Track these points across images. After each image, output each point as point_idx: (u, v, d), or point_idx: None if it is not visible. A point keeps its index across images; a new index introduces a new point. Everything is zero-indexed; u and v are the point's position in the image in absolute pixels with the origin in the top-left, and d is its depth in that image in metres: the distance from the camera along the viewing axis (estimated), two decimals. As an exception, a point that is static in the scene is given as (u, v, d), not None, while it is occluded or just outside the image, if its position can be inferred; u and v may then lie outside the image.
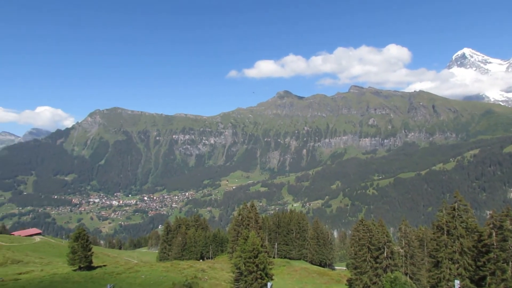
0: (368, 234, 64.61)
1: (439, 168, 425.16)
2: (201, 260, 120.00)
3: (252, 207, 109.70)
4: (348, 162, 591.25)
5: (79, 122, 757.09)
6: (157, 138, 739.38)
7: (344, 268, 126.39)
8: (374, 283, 61.11)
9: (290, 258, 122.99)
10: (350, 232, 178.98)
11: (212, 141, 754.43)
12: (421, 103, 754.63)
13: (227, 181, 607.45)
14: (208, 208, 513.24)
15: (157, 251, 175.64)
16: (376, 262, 62.26)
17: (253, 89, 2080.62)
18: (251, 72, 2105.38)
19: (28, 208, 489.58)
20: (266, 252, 75.47)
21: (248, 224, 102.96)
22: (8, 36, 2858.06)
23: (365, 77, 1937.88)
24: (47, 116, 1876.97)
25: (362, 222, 71.44)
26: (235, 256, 65.73)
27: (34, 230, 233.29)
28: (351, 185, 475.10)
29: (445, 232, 54.25)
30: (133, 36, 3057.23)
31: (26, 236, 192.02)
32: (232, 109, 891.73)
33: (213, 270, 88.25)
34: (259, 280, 56.80)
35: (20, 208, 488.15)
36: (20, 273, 78.05)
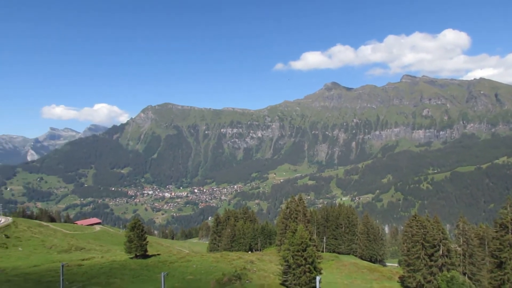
0: (422, 230, 62.02)
1: (503, 161, 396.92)
2: (249, 252, 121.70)
3: (300, 200, 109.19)
4: (400, 155, 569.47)
5: (133, 118, 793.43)
6: (206, 132, 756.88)
7: (396, 264, 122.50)
8: (429, 281, 58.67)
9: (339, 253, 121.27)
10: (402, 227, 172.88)
11: (259, 135, 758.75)
12: (481, 92, 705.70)
13: (275, 174, 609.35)
14: (256, 201, 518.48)
15: (207, 242, 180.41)
16: (431, 260, 59.68)
17: (300, 82, 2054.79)
18: (297, 64, 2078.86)
19: (89, 199, 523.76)
20: (314, 246, 74.90)
21: (296, 217, 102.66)
22: (70, 38, 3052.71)
23: (419, 66, 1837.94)
24: (104, 112, 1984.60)
25: (416, 218, 68.53)
26: (284, 249, 65.89)
27: (95, 220, 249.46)
28: (403, 179, 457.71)
29: (510, 231, 50.72)
30: (182, 35, 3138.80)
31: (87, 225, 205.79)
32: (279, 102, 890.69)
33: (261, 262, 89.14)
34: (308, 274, 56.59)
35: (82, 199, 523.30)
36: (83, 259, 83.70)
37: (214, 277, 65.96)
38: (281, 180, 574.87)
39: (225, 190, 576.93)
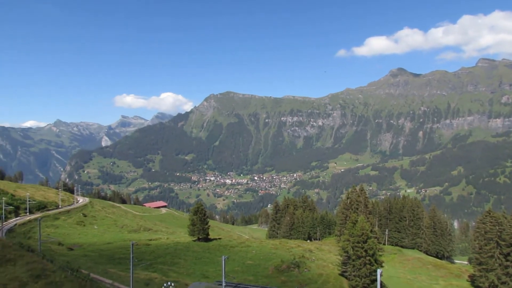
0: (497, 227, 57.45)
1: None
2: (308, 241, 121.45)
3: (362, 190, 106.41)
4: (473, 145, 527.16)
5: (197, 106, 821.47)
6: (266, 120, 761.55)
7: (466, 262, 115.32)
8: (503, 283, 54.43)
9: (402, 246, 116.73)
10: (474, 223, 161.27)
11: (320, 123, 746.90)
12: None
13: (335, 163, 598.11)
14: (316, 190, 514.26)
15: (266, 228, 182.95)
16: (507, 260, 55.20)
17: (363, 69, 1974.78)
18: (361, 50, 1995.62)
19: (156, 183, 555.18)
20: (375, 238, 72.74)
21: (357, 208, 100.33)
22: (139, 31, 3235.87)
23: (498, 48, 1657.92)
24: (170, 101, 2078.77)
25: (490, 214, 63.53)
26: (343, 239, 64.84)
27: (161, 203, 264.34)
28: (476, 171, 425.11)
29: None
30: (244, 23, 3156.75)
31: (154, 207, 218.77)
32: (340, 89, 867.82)
33: (320, 252, 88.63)
34: (368, 266, 55.24)
35: (150, 183, 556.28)
36: (150, 239, 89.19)
37: (273, 263, 66.82)
38: (342, 170, 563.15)
39: (285, 178, 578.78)
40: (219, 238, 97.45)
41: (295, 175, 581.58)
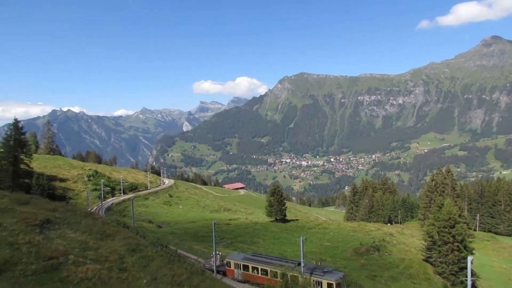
0: None
1: None
2: (388, 224, 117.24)
3: (448, 172, 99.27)
4: None
5: (271, 89, 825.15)
6: (342, 100, 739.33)
7: None
8: None
9: (496, 233, 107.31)
10: None
11: (400, 101, 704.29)
12: None
13: (418, 143, 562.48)
14: (396, 172, 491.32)
15: (344, 211, 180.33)
16: None
17: (449, 40, 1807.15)
18: (446, 20, 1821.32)
19: (234, 165, 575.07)
20: (465, 223, 67.81)
21: (443, 191, 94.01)
22: (213, 21, 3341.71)
23: None
24: (245, 85, 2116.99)
25: None
26: (427, 223, 61.51)
27: (239, 185, 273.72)
28: None
29: None
30: (313, 2, 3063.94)
31: (233, 189, 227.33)
32: (423, 64, 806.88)
33: (401, 235, 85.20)
34: (456, 253, 51.89)
35: (228, 166, 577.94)
36: (230, 219, 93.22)
37: (352, 246, 65.93)
38: (425, 150, 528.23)
39: (362, 159, 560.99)
40: (296, 219, 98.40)
41: (373, 156, 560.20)
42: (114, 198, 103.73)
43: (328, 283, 33.30)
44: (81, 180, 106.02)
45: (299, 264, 36.32)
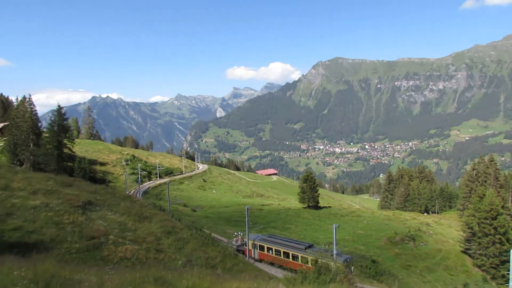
0: None
1: None
2: (425, 214, 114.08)
3: (491, 161, 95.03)
4: None
5: (304, 74, 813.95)
6: (378, 85, 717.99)
7: None
8: None
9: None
10: None
11: (440, 86, 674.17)
12: None
13: (458, 131, 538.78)
14: (435, 160, 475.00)
15: (378, 199, 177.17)
16: None
17: (496, 21, 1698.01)
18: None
19: (266, 151, 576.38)
20: (508, 215, 64.85)
21: (485, 181, 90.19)
22: (246, 6, 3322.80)
23: None
24: (278, 71, 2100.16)
25: None
26: (467, 214, 59.39)
27: (272, 171, 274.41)
28: None
29: None
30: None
31: (266, 175, 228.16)
32: (467, 47, 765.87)
33: (439, 226, 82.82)
34: (497, 245, 49.91)
35: (261, 152, 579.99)
36: (263, 205, 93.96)
37: (386, 234, 64.90)
38: (466, 138, 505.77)
39: (398, 147, 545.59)
40: (329, 206, 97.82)
41: (410, 143, 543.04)
42: (151, 182, 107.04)
43: (339, 266, 34.09)
44: (119, 164, 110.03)
45: (310, 246, 39.58)
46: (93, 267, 16.83)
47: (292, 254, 39.49)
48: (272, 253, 41.77)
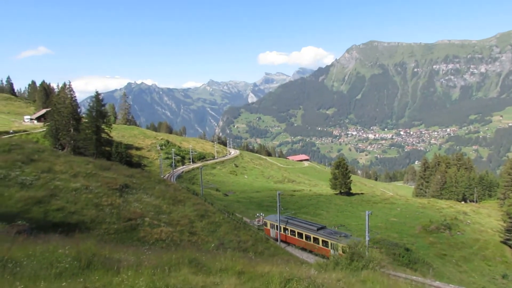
0: None
1: None
2: (462, 202, 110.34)
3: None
4: None
5: (337, 59, 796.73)
6: (415, 69, 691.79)
7: None
8: None
9: None
10: None
11: (482, 69, 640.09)
12: None
13: (501, 116, 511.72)
14: (474, 147, 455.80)
15: (413, 186, 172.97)
16: None
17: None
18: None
19: (298, 137, 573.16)
20: (553, 204, 61.46)
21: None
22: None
23: None
24: (310, 55, 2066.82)
25: None
26: (508, 203, 56.96)
27: (303, 156, 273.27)
28: None
29: None
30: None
31: (297, 160, 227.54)
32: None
33: (477, 215, 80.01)
34: (541, 236, 47.64)
35: (292, 137, 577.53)
36: (294, 190, 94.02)
37: (420, 222, 63.50)
38: (510, 124, 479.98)
39: (435, 133, 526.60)
40: (362, 193, 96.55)
41: (448, 130, 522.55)
42: (184, 166, 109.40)
43: (342, 247, 35.13)
44: (154, 149, 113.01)
45: (322, 228, 41.78)
46: (131, 247, 17.55)
47: (305, 234, 41.58)
48: (288, 233, 43.88)
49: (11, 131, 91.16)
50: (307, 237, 41.49)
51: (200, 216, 36.67)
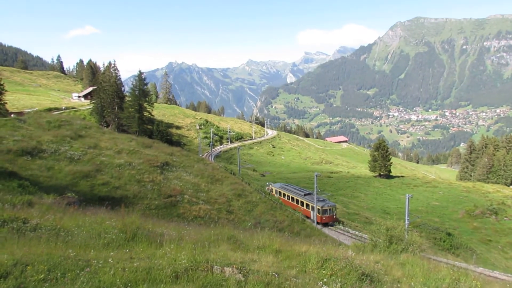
0: None
1: None
2: (511, 187, 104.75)
3: None
4: None
5: (380, 36, 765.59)
6: (464, 47, 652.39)
7: None
8: None
9: None
10: None
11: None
12: None
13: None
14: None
15: (457, 169, 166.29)
16: None
17: None
18: None
19: (337, 118, 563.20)
20: None
21: None
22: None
23: None
24: (352, 33, 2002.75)
25: None
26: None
27: (342, 138, 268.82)
28: None
29: None
30: None
31: (335, 142, 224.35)
32: None
33: (527, 201, 75.68)
34: None
35: (331, 118, 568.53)
36: (331, 172, 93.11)
37: (464, 207, 61.23)
38: None
39: (484, 114, 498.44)
40: (402, 176, 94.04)
41: (498, 110, 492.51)
42: (222, 146, 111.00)
43: (317, 208, 44.02)
44: (193, 128, 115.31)
45: (308, 194, 49.01)
46: (171, 222, 18.23)
47: (296, 198, 49.71)
48: (285, 198, 51.65)
49: (64, 107, 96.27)
50: (296, 201, 49.56)
51: (237, 195, 37.30)
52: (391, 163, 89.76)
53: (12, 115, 55.37)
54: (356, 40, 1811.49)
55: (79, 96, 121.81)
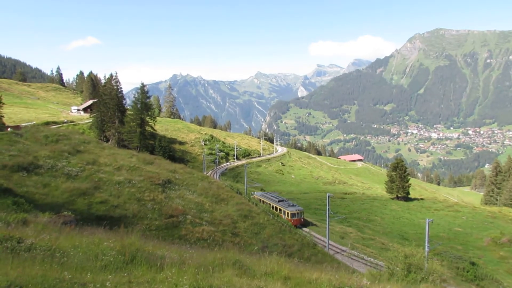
0: None
1: None
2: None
3: None
4: None
5: (398, 49, 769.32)
6: (488, 60, 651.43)
7: None
8: None
9: None
10: None
11: None
12: None
13: None
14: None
15: (481, 193, 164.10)
16: None
17: None
18: None
19: (351, 135, 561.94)
20: None
21: None
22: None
23: None
24: (367, 45, 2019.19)
25: None
26: None
27: (357, 156, 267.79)
28: None
29: None
30: None
31: (350, 160, 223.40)
32: None
33: (559, 228, 74.19)
34: None
35: (345, 135, 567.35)
36: (345, 193, 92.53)
37: (489, 234, 60.19)
38: None
39: (510, 133, 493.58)
40: (421, 199, 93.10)
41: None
42: (228, 163, 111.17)
43: (287, 212, 52.60)
44: (198, 144, 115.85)
45: (282, 200, 57.74)
46: (173, 244, 18.22)
47: (272, 204, 57.18)
48: (264, 204, 58.21)
49: (65, 120, 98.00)
50: (272, 206, 56.65)
51: (244, 217, 37.18)
52: (410, 184, 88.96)
53: (9, 129, 56.50)
54: (371, 53, 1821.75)
55: (78, 110, 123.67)
